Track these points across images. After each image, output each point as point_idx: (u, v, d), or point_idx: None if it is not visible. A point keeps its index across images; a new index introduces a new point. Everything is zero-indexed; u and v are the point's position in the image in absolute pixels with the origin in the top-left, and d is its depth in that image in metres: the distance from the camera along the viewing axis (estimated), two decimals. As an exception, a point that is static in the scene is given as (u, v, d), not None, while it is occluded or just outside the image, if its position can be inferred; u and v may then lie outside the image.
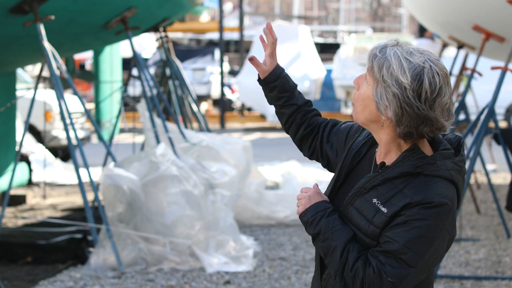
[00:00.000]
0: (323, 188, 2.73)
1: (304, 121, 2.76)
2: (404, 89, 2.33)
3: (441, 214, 2.37)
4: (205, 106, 22.29)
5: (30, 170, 10.39)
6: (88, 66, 22.83)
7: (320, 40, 32.64)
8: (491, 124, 7.80)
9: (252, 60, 2.70)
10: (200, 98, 20.79)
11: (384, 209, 2.40)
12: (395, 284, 2.37)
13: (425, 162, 2.41)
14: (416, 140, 2.42)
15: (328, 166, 2.76)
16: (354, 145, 2.58)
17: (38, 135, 12.10)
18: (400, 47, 2.38)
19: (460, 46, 9.28)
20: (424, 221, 2.35)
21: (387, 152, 2.47)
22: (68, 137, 7.01)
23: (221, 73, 21.05)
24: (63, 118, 6.98)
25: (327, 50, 28.12)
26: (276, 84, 2.73)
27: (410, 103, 2.33)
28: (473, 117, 11.05)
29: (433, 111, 2.34)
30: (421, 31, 19.68)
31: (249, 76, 18.95)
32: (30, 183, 10.70)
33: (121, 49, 12.74)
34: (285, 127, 2.81)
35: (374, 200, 2.42)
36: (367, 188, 2.45)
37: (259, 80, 2.75)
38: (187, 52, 23.21)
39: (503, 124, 18.82)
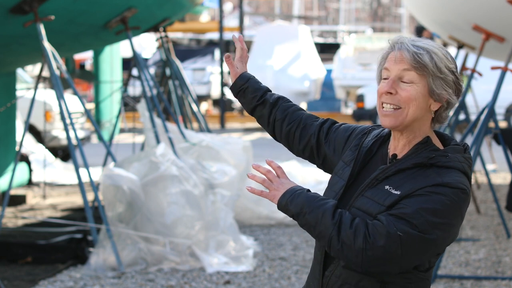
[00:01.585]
0: (322, 188, 2.73)
1: (285, 116, 2.79)
2: (453, 73, 2.45)
3: (458, 196, 2.38)
4: (205, 106, 22.28)
5: (30, 170, 10.38)
6: (88, 66, 22.82)
7: (320, 40, 32.62)
8: (491, 124, 7.80)
9: (228, 58, 2.83)
10: (200, 98, 20.78)
11: (396, 192, 2.41)
12: (403, 239, 2.34)
13: (438, 154, 2.45)
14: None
15: (323, 165, 2.78)
16: (364, 144, 2.60)
17: (38, 135, 12.10)
18: (410, 40, 2.47)
19: (460, 46, 9.28)
20: (441, 196, 2.37)
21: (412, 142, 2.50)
22: (68, 137, 7.00)
23: (221, 73, 21.05)
24: (63, 118, 6.98)
25: (327, 50, 28.10)
26: (247, 85, 2.83)
27: (459, 82, 2.47)
28: (473, 117, 11.06)
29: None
30: (419, 32, 19.67)
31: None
32: (30, 183, 10.69)
33: (121, 49, 12.72)
34: (269, 129, 2.83)
35: (387, 187, 2.44)
36: (380, 179, 2.47)
37: (231, 87, 2.86)
38: (187, 52, 23.20)
39: (503, 124, 18.81)
